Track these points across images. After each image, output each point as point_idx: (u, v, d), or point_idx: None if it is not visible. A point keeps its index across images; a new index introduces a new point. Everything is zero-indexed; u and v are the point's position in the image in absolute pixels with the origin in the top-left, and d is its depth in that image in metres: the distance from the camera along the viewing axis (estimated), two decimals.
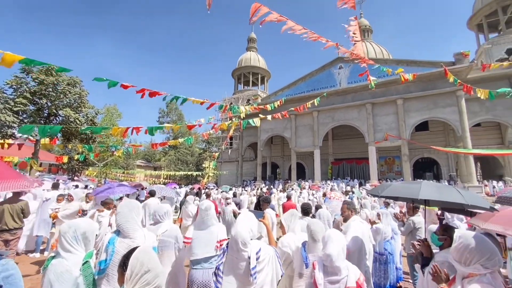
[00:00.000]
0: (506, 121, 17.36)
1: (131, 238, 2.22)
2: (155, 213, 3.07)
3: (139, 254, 1.22)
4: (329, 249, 1.93)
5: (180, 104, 5.92)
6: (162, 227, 2.92)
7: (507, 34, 22.50)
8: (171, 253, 2.83)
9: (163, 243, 2.78)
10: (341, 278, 1.90)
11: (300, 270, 2.26)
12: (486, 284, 1.51)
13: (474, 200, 2.38)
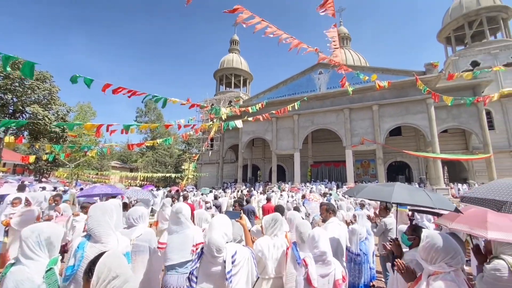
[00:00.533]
0: (470, 128, 18.75)
1: (103, 242, 2.11)
2: (129, 216, 2.94)
3: (106, 259, 1.15)
4: (322, 247, 2.12)
5: (162, 107, 5.75)
6: (137, 231, 2.80)
7: (472, 47, 24.39)
8: (145, 258, 2.72)
9: (137, 248, 2.67)
10: (330, 271, 2.11)
11: (291, 270, 2.31)
12: (450, 281, 1.61)
13: (441, 202, 2.56)
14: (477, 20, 24.24)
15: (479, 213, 2.36)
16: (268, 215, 2.85)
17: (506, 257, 2.00)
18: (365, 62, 36.28)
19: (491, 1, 24.02)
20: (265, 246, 2.54)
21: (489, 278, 1.93)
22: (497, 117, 21.66)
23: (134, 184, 29.49)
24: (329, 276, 2.10)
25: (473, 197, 2.17)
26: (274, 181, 23.07)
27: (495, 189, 1.99)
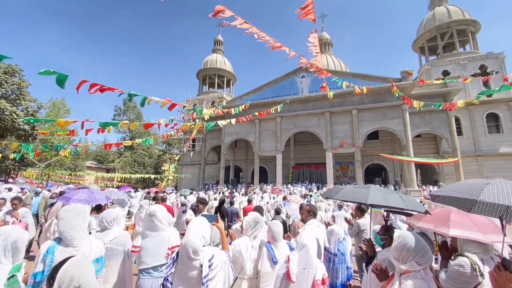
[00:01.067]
0: (440, 133, 19.92)
1: (75, 246, 2.01)
2: (102, 219, 2.82)
3: (69, 266, 1.08)
4: (304, 240, 2.26)
5: (141, 105, 5.56)
6: (110, 234, 2.69)
7: (443, 58, 25.98)
8: (120, 262, 2.62)
9: (111, 252, 2.56)
10: (311, 270, 2.18)
11: (267, 269, 2.35)
12: (420, 279, 1.69)
13: (412, 204, 2.72)
14: (448, 32, 25.88)
15: (443, 213, 2.53)
16: (249, 216, 2.85)
17: (470, 255, 2.14)
18: (346, 68, 37.47)
19: (461, 15, 25.75)
20: (244, 246, 2.55)
21: (453, 273, 2.06)
22: (465, 123, 23.19)
23: (110, 185, 28.32)
24: (309, 274, 2.17)
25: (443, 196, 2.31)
26: (256, 182, 23.12)
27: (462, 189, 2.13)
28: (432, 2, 28.68)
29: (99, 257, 2.23)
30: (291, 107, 21.86)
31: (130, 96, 5.31)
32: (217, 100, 30.14)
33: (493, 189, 1.90)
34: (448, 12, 26.24)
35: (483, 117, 22.92)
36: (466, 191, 2.01)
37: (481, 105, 22.76)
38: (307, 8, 3.77)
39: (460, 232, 2.23)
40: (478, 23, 25.58)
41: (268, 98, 23.93)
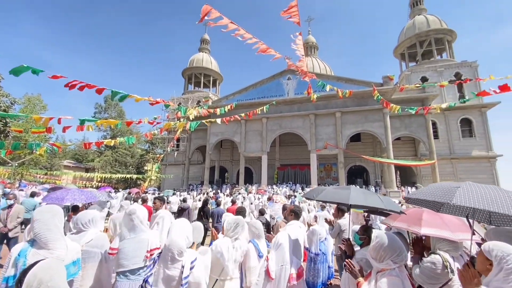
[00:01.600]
0: (418, 136, 20.82)
1: (50, 249, 1.92)
2: (77, 220, 2.72)
3: (38, 269, 1.03)
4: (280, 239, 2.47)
5: (119, 100, 5.37)
6: (86, 236, 2.60)
7: (422, 64, 27.18)
8: (96, 265, 2.54)
9: (87, 254, 2.48)
10: (287, 266, 2.40)
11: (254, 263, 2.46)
12: (394, 276, 1.76)
13: (390, 204, 2.85)
14: (427, 40, 27.12)
15: (417, 212, 2.67)
16: (230, 218, 2.85)
17: (442, 253, 2.26)
18: (331, 71, 38.28)
19: (439, 25, 27.07)
20: (225, 247, 2.54)
21: (426, 269, 2.18)
22: (441, 127, 24.38)
23: (90, 185, 27.25)
24: (286, 269, 2.38)
25: (415, 198, 2.44)
26: (241, 183, 23.08)
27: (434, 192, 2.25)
28: (412, 11, 29.94)
29: (75, 259, 2.16)
30: (277, 108, 22.04)
31: (113, 94, 5.13)
32: (202, 99, 29.83)
33: (463, 191, 2.01)
34: (427, 21, 27.50)
35: (458, 122, 24.20)
36: (439, 194, 2.12)
37: (455, 110, 24.04)
38: (291, 10, 3.82)
39: (431, 231, 2.37)
40: (454, 33, 26.99)
41: (255, 99, 23.99)
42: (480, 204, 1.90)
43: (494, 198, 1.89)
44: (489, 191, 1.96)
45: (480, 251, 1.58)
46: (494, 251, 1.45)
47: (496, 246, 1.48)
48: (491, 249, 1.47)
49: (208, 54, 36.20)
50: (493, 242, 1.53)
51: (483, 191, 1.97)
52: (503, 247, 1.45)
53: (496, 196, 1.91)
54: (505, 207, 1.82)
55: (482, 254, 1.55)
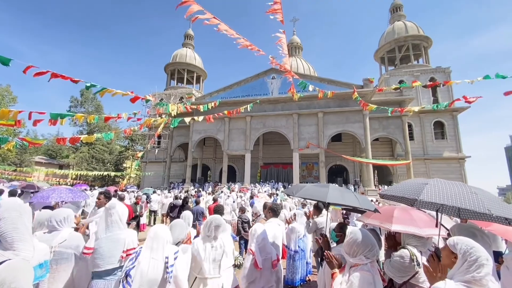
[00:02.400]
0: (395, 137, 21.74)
1: (15, 250, 1.80)
2: (51, 218, 2.58)
3: (2, 270, 0.98)
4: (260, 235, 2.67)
5: (95, 93, 5.13)
6: (60, 236, 2.48)
7: (400, 68, 28.35)
8: (70, 266, 2.43)
9: (59, 255, 2.37)
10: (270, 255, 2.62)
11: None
12: (366, 271, 1.84)
13: (365, 203, 2.95)
14: (405, 45, 28.30)
15: (389, 210, 2.81)
16: (209, 217, 2.84)
17: (410, 248, 2.40)
18: (314, 72, 38.94)
19: (417, 31, 28.33)
20: (202, 247, 2.54)
21: (395, 263, 2.31)
22: (416, 129, 25.60)
23: (63, 183, 25.92)
24: (269, 259, 2.60)
25: (388, 194, 2.57)
26: (224, 181, 22.96)
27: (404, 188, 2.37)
28: (392, 17, 31.10)
29: (43, 262, 2.05)
30: (261, 107, 22.11)
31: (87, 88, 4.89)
32: (185, 96, 29.27)
33: (431, 188, 2.14)
34: (405, 27, 28.69)
35: (431, 125, 25.53)
36: (409, 191, 2.24)
37: (430, 114, 25.36)
38: (274, 8, 3.84)
39: (400, 227, 2.51)
40: (430, 40, 28.37)
41: (239, 97, 23.89)
42: (447, 200, 2.03)
43: (459, 194, 2.03)
44: (455, 187, 2.11)
45: (446, 245, 1.68)
46: (459, 245, 1.55)
47: (460, 241, 1.58)
48: (456, 243, 1.58)
49: (192, 50, 35.54)
50: (458, 237, 1.64)
51: (450, 187, 2.11)
52: (467, 241, 1.56)
53: (460, 192, 2.06)
54: (469, 203, 1.96)
55: (447, 248, 1.65)
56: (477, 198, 1.99)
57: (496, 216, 1.93)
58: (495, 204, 1.98)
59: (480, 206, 1.92)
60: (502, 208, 1.99)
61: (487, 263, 1.46)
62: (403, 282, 2.31)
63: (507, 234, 2.80)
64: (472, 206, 1.95)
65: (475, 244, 1.52)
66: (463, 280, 1.43)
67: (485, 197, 2.04)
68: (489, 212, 1.90)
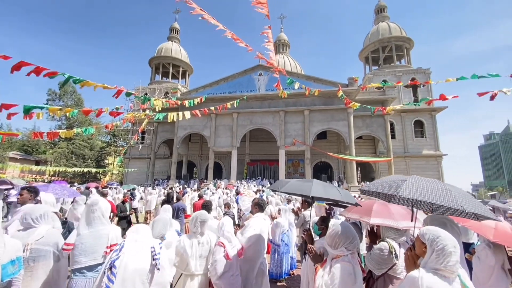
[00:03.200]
0: (378, 135, 22.42)
1: None
2: (26, 215, 2.48)
3: None
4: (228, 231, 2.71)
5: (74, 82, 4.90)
6: (36, 233, 2.39)
7: (384, 68, 29.15)
8: (48, 264, 2.36)
9: (37, 253, 2.29)
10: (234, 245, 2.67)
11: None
12: (347, 262, 1.90)
13: (347, 197, 3.05)
14: (389, 46, 29.09)
15: (369, 204, 2.92)
16: (195, 214, 2.83)
17: (389, 240, 2.49)
18: (301, 69, 39.25)
19: (399, 32, 29.17)
20: (188, 243, 2.54)
21: (375, 255, 2.40)
22: (398, 128, 26.49)
23: (40, 179, 24.80)
24: (234, 248, 2.66)
25: (368, 190, 2.65)
26: (210, 178, 22.79)
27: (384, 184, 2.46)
28: (377, 18, 31.83)
29: (15, 258, 1.97)
30: (248, 104, 22.07)
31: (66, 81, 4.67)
32: (171, 91, 28.68)
33: (409, 184, 2.24)
34: (389, 28, 29.46)
35: (412, 123, 26.50)
36: (388, 187, 2.33)
37: (410, 113, 26.31)
38: (260, 1, 3.83)
39: (378, 220, 2.61)
40: (412, 41, 29.32)
41: (226, 93, 23.72)
42: (423, 197, 2.13)
43: (435, 191, 2.14)
44: (430, 185, 2.21)
45: (417, 236, 1.76)
46: (426, 235, 1.61)
47: (428, 230, 1.64)
48: (424, 233, 1.64)
49: (178, 44, 34.75)
50: (427, 227, 1.70)
51: (426, 184, 2.22)
52: (434, 230, 1.62)
53: (436, 189, 2.16)
54: (443, 199, 2.07)
55: (418, 238, 1.72)
56: (451, 194, 2.10)
57: (468, 212, 2.05)
58: (467, 201, 2.10)
59: (454, 203, 2.03)
60: (474, 205, 2.12)
61: (455, 250, 1.51)
62: (381, 273, 2.40)
63: (480, 229, 3.00)
64: (446, 202, 2.05)
65: (442, 233, 1.57)
66: (434, 268, 1.50)
67: (458, 194, 2.16)
68: (462, 208, 2.01)
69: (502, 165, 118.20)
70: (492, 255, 3.11)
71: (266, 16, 4.04)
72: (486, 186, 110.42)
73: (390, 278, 2.39)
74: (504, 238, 2.94)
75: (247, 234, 2.84)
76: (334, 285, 1.78)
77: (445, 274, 1.47)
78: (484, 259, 3.19)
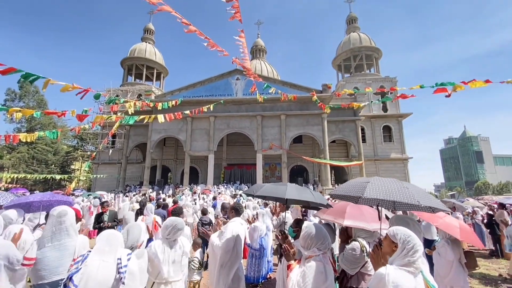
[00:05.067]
0: (350, 140, 23.45)
1: None
2: None
3: None
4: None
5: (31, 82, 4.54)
6: None
7: (355, 76, 30.72)
8: (1, 277, 2.16)
9: None
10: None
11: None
12: (318, 261, 1.97)
13: (320, 199, 3.17)
14: (360, 55, 30.75)
15: (342, 206, 3.06)
16: (167, 220, 2.76)
17: (360, 240, 2.62)
18: (277, 75, 40.00)
19: (369, 43, 30.97)
20: (160, 249, 2.46)
21: (348, 256, 2.50)
22: (368, 132, 27.93)
23: None
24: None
25: (336, 194, 2.79)
26: (186, 183, 22.22)
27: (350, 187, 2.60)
28: (348, 28, 33.56)
29: None
30: (225, 107, 21.97)
31: (25, 77, 4.31)
32: (144, 93, 27.70)
33: (372, 186, 2.39)
34: (360, 38, 31.19)
35: (381, 128, 28.10)
36: (354, 189, 2.48)
37: (379, 118, 27.92)
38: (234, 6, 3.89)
39: (351, 222, 2.74)
40: (380, 51, 31.27)
41: (202, 96, 23.42)
42: (385, 196, 2.29)
43: (394, 190, 2.32)
44: (390, 184, 2.40)
45: (386, 235, 1.88)
46: (398, 235, 1.75)
47: (399, 231, 1.78)
48: (396, 233, 1.77)
49: (152, 45, 33.78)
50: (396, 227, 1.84)
51: (386, 184, 2.39)
52: (405, 231, 1.76)
53: (395, 188, 2.35)
54: (402, 197, 2.25)
55: (388, 237, 1.84)
56: (409, 192, 2.30)
57: (424, 206, 2.26)
58: (422, 197, 2.33)
59: (411, 199, 2.22)
60: (428, 199, 2.35)
61: (420, 248, 1.68)
62: (355, 273, 2.51)
63: (448, 228, 3.29)
64: (405, 199, 2.24)
65: (411, 233, 1.74)
66: (401, 264, 1.62)
67: (415, 191, 2.37)
68: (418, 203, 2.20)
69: (460, 167, 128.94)
70: (451, 250, 3.40)
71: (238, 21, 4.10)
72: (446, 186, 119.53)
73: (362, 275, 2.50)
74: (468, 236, 3.27)
75: (224, 239, 2.81)
76: (306, 283, 1.84)
77: (410, 270, 1.60)
78: (444, 254, 3.47)
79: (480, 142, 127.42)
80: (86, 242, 2.50)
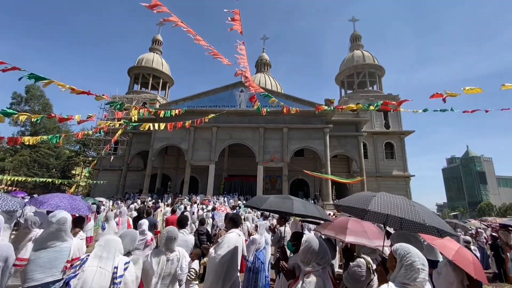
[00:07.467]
0: (352, 155, 23.36)
1: None
2: None
3: None
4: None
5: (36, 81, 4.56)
6: None
7: (358, 93, 31.01)
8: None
9: None
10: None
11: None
12: (317, 276, 1.92)
13: (323, 214, 3.14)
14: (362, 72, 31.19)
15: (343, 221, 3.00)
16: (164, 231, 2.72)
17: (365, 256, 2.54)
18: (281, 89, 40.50)
19: (372, 60, 31.49)
20: (155, 260, 2.40)
21: (353, 274, 2.41)
22: (370, 149, 27.85)
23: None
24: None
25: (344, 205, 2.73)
26: (185, 192, 22.05)
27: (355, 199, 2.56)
28: (352, 46, 34.24)
29: None
30: (228, 118, 22.13)
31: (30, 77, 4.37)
32: (149, 101, 28.06)
33: (378, 200, 2.35)
34: (363, 56, 31.74)
35: (383, 145, 28.04)
36: (359, 202, 2.44)
37: (382, 135, 27.93)
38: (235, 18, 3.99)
39: (353, 239, 2.68)
40: (383, 69, 31.72)
41: (206, 106, 23.66)
42: (392, 211, 2.24)
43: (401, 206, 2.27)
44: (397, 200, 2.35)
45: (391, 252, 1.83)
46: (398, 250, 1.69)
47: (400, 246, 1.72)
48: (396, 249, 1.72)
49: (159, 55, 34.55)
50: (399, 243, 1.79)
51: (393, 200, 2.35)
52: (405, 246, 1.70)
53: (402, 204, 2.30)
54: (409, 214, 2.20)
55: (391, 253, 1.80)
56: (415, 209, 2.24)
57: (428, 226, 2.19)
58: (428, 216, 2.26)
59: (416, 217, 2.16)
60: (434, 219, 2.28)
61: (423, 268, 1.57)
62: None
63: (443, 248, 3.16)
64: (410, 216, 2.18)
65: (412, 250, 1.65)
66: (402, 283, 1.55)
67: (421, 209, 2.32)
68: (423, 222, 2.15)
69: (463, 187, 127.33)
70: (452, 271, 3.28)
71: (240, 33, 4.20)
72: (449, 206, 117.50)
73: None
74: (462, 261, 3.12)
75: (221, 251, 2.75)
76: None
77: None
78: (444, 275, 3.35)
79: (483, 163, 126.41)
80: (81, 244, 2.47)
